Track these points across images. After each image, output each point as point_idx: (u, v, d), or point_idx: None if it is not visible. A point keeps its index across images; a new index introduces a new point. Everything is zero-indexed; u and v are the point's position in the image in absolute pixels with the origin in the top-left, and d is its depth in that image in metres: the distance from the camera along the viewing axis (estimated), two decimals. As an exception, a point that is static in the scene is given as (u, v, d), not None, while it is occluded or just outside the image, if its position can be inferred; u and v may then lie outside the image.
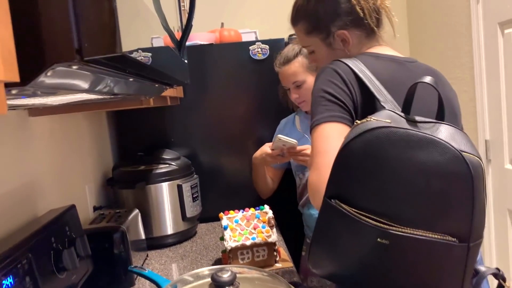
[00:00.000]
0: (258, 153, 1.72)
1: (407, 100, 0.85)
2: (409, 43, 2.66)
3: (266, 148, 1.65)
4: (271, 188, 1.82)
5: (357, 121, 0.84)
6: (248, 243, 1.29)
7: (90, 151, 1.61)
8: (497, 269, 0.82)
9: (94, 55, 0.38)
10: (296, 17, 1.13)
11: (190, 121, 1.87)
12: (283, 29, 2.32)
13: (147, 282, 1.30)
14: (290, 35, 1.94)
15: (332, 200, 0.81)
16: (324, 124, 0.93)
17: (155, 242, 1.59)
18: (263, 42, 1.86)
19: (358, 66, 0.97)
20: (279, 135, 1.54)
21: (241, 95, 1.89)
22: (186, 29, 0.94)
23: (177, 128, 1.87)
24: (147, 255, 1.53)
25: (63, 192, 1.31)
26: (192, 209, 1.65)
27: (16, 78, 0.34)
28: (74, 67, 0.39)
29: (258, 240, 1.30)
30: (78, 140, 1.49)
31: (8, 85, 0.37)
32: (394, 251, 0.74)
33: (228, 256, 1.29)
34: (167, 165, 1.62)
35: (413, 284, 0.77)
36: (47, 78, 0.39)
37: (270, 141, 1.74)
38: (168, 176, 1.60)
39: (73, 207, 1.11)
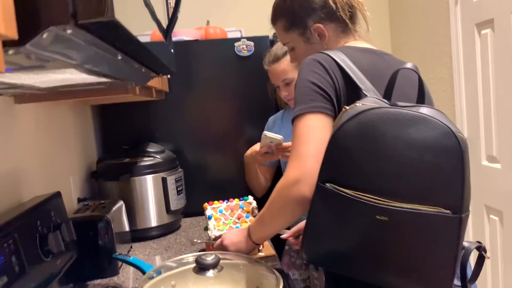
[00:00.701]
0: (248, 152, 1.75)
1: (388, 88, 0.89)
2: (391, 43, 2.73)
3: (256, 146, 1.68)
4: (264, 186, 1.83)
5: (345, 106, 0.87)
6: None
7: (75, 143, 1.61)
8: (479, 242, 0.87)
9: (88, 19, 0.40)
10: (275, 16, 1.19)
11: (175, 117, 1.89)
12: (268, 27, 2.36)
13: (131, 271, 1.31)
14: (275, 33, 1.97)
15: (326, 184, 0.84)
16: (307, 114, 0.96)
17: (139, 234, 1.60)
18: (248, 39, 1.89)
19: (339, 57, 1.00)
20: (265, 132, 1.57)
21: (226, 91, 1.91)
22: (173, 18, 0.96)
23: (161, 123, 1.89)
24: (131, 247, 1.53)
25: (47, 181, 1.31)
26: (177, 202, 1.67)
27: (15, 35, 0.36)
28: (68, 31, 0.41)
29: None
30: (63, 131, 1.50)
31: (6, 45, 0.39)
32: (393, 226, 0.78)
33: (211, 245, 1.31)
34: (152, 158, 1.63)
35: (412, 258, 0.80)
36: (42, 41, 0.41)
37: (255, 137, 1.76)
38: (153, 169, 1.61)
39: (58, 193, 1.11)
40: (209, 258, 0.96)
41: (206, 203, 1.37)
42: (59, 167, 1.43)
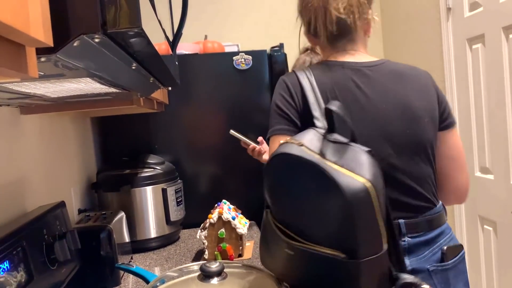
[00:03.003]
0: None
1: (330, 120, 0.90)
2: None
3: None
4: None
5: (281, 140, 0.93)
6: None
7: (76, 154, 1.62)
8: (415, 278, 0.86)
9: (117, 28, 0.43)
10: None
11: (174, 129, 1.91)
12: (264, 42, 2.41)
13: (131, 281, 1.32)
14: (272, 47, 2.02)
15: (266, 209, 0.94)
16: (272, 137, 1.06)
17: (139, 246, 1.60)
18: (246, 53, 1.93)
19: (306, 78, 1.04)
20: (231, 130, 1.62)
21: (224, 104, 1.94)
22: (179, 30, 0.99)
23: (160, 135, 1.91)
24: (132, 258, 1.54)
25: (50, 192, 1.32)
26: (176, 213, 1.68)
27: (51, 42, 0.39)
28: (96, 40, 0.44)
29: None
30: (64, 142, 1.51)
31: (38, 52, 0.42)
32: (297, 261, 0.86)
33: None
34: (152, 169, 1.65)
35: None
36: (72, 49, 0.43)
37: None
38: (153, 180, 1.62)
39: (62, 203, 1.13)
40: (214, 266, 0.97)
41: (210, 214, 1.40)
42: (61, 178, 1.44)
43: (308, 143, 0.87)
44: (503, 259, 1.84)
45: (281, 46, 1.99)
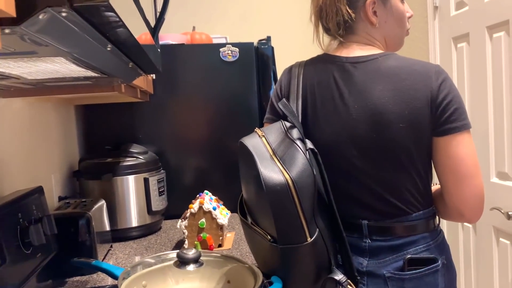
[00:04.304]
0: None
1: (293, 116, 0.99)
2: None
3: None
4: None
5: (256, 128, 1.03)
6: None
7: (58, 141, 1.61)
8: (344, 277, 0.93)
9: (82, 2, 0.43)
10: None
11: (159, 119, 1.90)
12: (253, 34, 2.41)
13: (111, 269, 1.31)
14: (260, 40, 2.01)
15: None
16: (264, 124, 1.14)
17: (120, 234, 1.60)
18: (234, 45, 1.92)
19: (296, 71, 1.09)
20: None
21: (210, 95, 1.93)
22: (161, 17, 0.98)
23: (145, 125, 1.90)
24: (111, 246, 1.53)
25: (29, 177, 1.31)
26: (158, 203, 1.67)
27: (13, 12, 0.38)
28: (63, 13, 0.44)
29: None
30: (46, 128, 1.50)
31: (2, 23, 0.41)
32: (250, 240, 1.05)
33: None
34: (135, 159, 1.64)
35: (263, 265, 1.01)
36: (38, 22, 0.43)
37: (237, 142, 1.79)
38: (135, 169, 1.62)
39: (40, 188, 1.12)
40: (190, 253, 0.98)
41: (191, 204, 1.40)
42: (41, 164, 1.43)
43: (270, 135, 0.97)
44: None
45: (268, 39, 1.99)
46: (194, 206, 1.39)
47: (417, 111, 0.95)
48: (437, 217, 1.07)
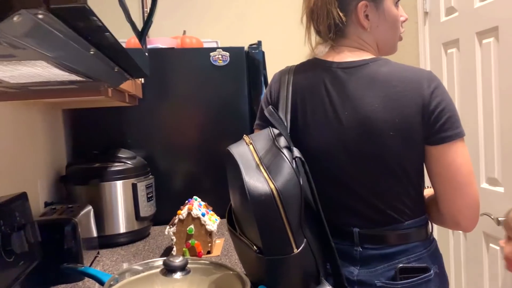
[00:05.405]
0: None
1: (280, 124, 0.97)
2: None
3: None
4: None
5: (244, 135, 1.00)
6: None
7: (44, 146, 1.58)
8: None
9: (60, 4, 0.41)
10: None
11: (148, 124, 1.88)
12: (243, 39, 2.40)
13: (97, 276, 1.29)
14: (250, 45, 2.00)
15: None
16: (254, 129, 1.13)
17: (107, 241, 1.57)
18: (224, 49, 1.91)
19: (285, 77, 1.07)
20: None
21: (200, 100, 1.92)
22: (148, 19, 0.97)
23: (134, 130, 1.87)
24: (98, 253, 1.51)
25: (14, 183, 1.29)
26: (146, 209, 1.65)
27: (-16, 15, 0.37)
28: (40, 16, 0.42)
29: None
30: (32, 133, 1.47)
31: (-25, 26, 0.40)
32: (237, 249, 1.03)
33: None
34: (123, 164, 1.62)
35: (251, 274, 0.96)
36: (13, 25, 0.41)
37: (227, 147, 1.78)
38: (123, 174, 1.59)
39: (24, 194, 1.09)
40: (177, 261, 0.96)
41: (179, 210, 1.38)
42: (27, 169, 1.40)
43: (257, 142, 0.95)
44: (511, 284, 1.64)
45: (259, 43, 1.98)
46: (183, 212, 1.37)
47: (408, 118, 0.93)
48: (430, 225, 1.05)
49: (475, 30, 1.72)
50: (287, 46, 2.44)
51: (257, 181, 0.85)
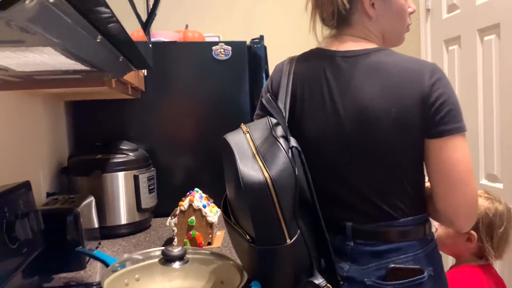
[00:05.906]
0: None
1: (277, 112, 0.96)
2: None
3: None
4: None
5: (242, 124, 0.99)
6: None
7: (47, 137, 1.59)
8: (324, 282, 0.87)
9: (71, -12, 0.42)
10: None
11: (150, 116, 1.89)
12: (245, 34, 2.41)
13: (98, 266, 1.30)
14: (253, 39, 2.01)
15: None
16: (254, 120, 1.10)
17: (108, 232, 1.58)
18: (226, 43, 1.92)
19: (287, 66, 1.06)
20: None
21: (202, 94, 1.93)
22: (152, 11, 0.98)
23: (136, 122, 1.88)
24: (99, 243, 1.52)
25: (17, 172, 1.30)
26: (148, 201, 1.66)
27: (-2, -4, 0.37)
28: (52, 0, 0.43)
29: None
30: (35, 124, 1.48)
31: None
32: (232, 238, 0.99)
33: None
34: (125, 155, 1.63)
35: (245, 266, 0.95)
36: (25, 8, 0.42)
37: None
38: (125, 166, 1.60)
39: (27, 183, 1.10)
40: (175, 250, 0.97)
41: (181, 202, 1.39)
42: (29, 160, 1.41)
43: (255, 131, 0.93)
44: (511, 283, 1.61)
45: (261, 38, 1.99)
46: (184, 204, 1.38)
47: (405, 109, 0.90)
48: (429, 224, 1.00)
49: (476, 27, 1.73)
50: (289, 41, 2.45)
51: (251, 169, 0.84)
